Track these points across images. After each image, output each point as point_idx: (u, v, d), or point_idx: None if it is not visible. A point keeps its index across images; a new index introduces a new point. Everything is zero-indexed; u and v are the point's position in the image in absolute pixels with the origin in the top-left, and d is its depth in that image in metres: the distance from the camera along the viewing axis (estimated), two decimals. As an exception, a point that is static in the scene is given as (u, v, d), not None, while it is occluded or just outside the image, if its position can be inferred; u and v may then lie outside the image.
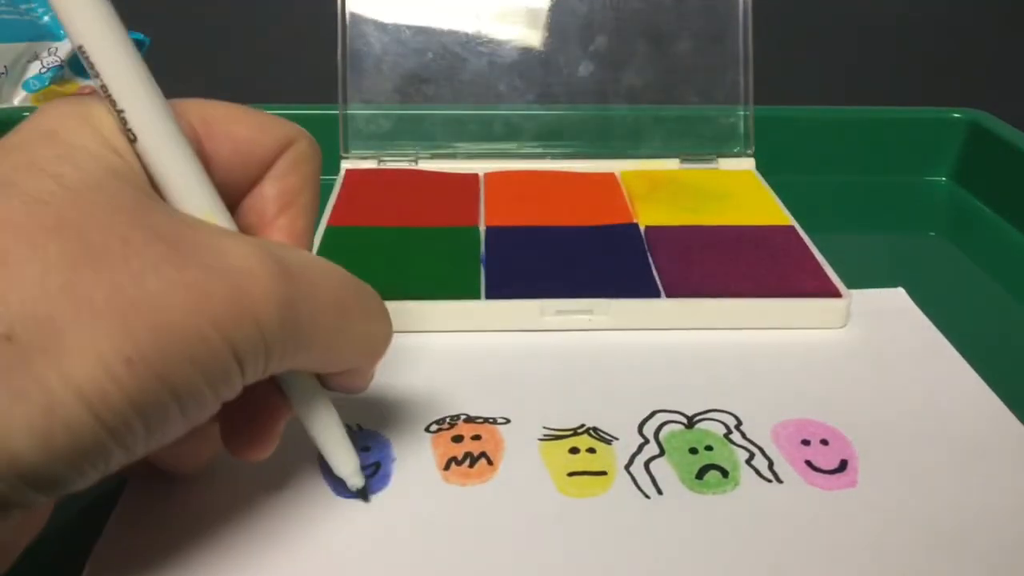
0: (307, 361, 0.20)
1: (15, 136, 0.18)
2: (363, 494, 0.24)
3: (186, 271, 0.17)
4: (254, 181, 0.22)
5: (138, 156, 0.19)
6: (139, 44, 0.50)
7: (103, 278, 0.16)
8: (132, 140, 0.19)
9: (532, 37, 0.43)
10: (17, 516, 0.17)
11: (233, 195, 0.21)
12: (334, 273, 0.20)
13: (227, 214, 0.20)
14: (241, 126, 0.21)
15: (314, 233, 0.23)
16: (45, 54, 0.54)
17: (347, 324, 0.20)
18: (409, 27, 0.42)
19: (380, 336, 0.22)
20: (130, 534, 0.22)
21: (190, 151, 0.19)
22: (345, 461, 0.23)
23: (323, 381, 0.22)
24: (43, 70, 0.53)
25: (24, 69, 0.53)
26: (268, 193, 0.22)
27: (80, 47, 0.18)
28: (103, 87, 0.19)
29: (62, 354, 0.15)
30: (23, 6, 0.53)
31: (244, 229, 0.21)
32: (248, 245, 0.18)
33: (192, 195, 0.19)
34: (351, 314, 0.20)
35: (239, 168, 0.21)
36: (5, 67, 0.52)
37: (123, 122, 0.19)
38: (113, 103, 0.19)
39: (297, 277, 0.19)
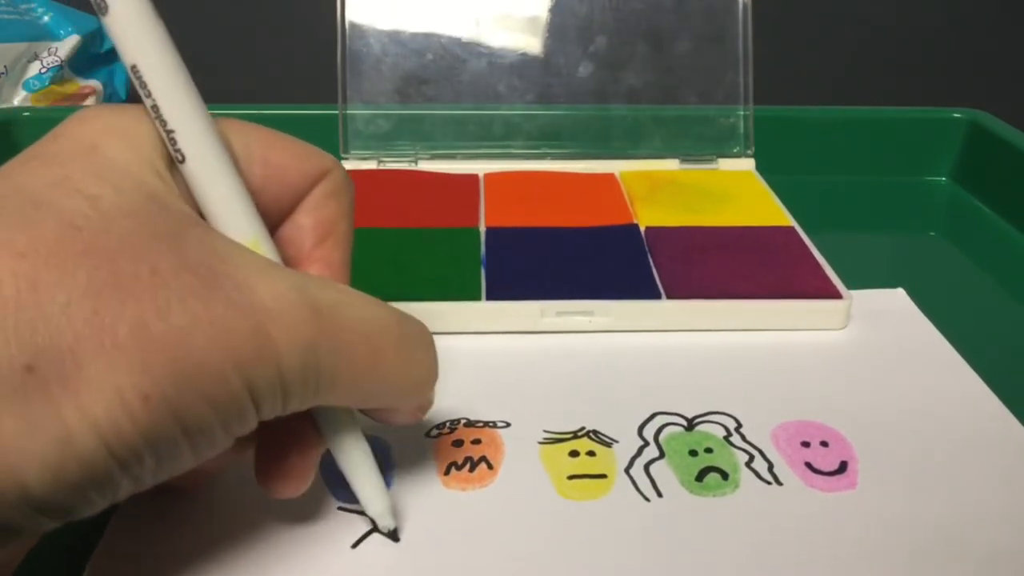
0: (332, 400, 0.19)
1: (53, 144, 0.18)
2: (393, 536, 0.23)
3: (212, 306, 0.16)
4: (285, 209, 0.21)
5: (184, 177, 0.19)
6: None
7: (128, 310, 0.16)
8: (180, 161, 0.18)
9: (532, 37, 0.43)
10: (24, 538, 0.17)
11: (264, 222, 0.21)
12: (371, 311, 0.20)
13: (271, 242, 0.20)
14: (277, 152, 0.21)
15: (351, 266, 0.22)
16: (45, 54, 0.54)
17: (379, 365, 0.20)
18: (409, 27, 0.42)
19: (418, 378, 0.21)
20: (130, 538, 0.22)
21: (237, 176, 0.19)
22: (373, 499, 0.22)
23: (366, 412, 0.22)
24: (43, 70, 0.54)
25: (24, 69, 0.53)
26: (305, 223, 0.21)
27: (133, 67, 0.18)
28: (154, 107, 0.18)
29: (80, 387, 0.15)
30: (23, 6, 0.53)
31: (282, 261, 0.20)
32: (280, 282, 0.18)
33: (238, 221, 0.19)
34: (385, 355, 0.20)
35: (270, 194, 0.20)
36: (5, 67, 0.52)
37: (172, 142, 0.18)
38: (163, 123, 0.18)
39: (327, 318, 0.18)
